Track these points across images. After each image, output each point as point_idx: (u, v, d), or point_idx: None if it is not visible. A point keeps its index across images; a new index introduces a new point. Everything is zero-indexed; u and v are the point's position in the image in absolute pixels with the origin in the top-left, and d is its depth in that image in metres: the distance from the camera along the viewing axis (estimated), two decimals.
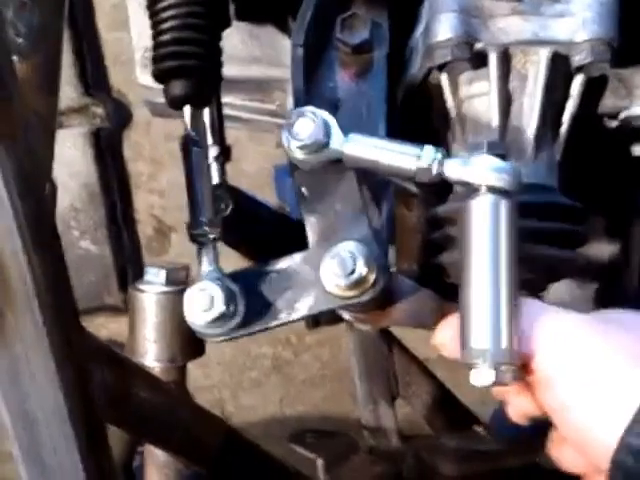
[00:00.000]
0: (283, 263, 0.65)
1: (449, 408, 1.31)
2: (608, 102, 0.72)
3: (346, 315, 0.76)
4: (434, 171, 0.61)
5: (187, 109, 0.71)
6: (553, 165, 0.70)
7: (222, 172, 0.76)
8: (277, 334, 2.34)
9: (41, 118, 0.58)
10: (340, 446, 1.35)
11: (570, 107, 0.71)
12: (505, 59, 0.69)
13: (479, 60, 0.69)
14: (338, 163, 0.65)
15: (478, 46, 0.67)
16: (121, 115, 2.20)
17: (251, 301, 0.64)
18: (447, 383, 1.33)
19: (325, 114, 0.64)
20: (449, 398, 1.33)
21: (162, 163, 2.21)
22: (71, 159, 2.19)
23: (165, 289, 0.79)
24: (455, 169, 0.60)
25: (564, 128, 0.71)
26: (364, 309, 0.72)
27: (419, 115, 0.76)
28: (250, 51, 0.89)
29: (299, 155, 0.64)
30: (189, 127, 0.70)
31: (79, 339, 0.59)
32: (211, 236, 0.66)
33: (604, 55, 0.66)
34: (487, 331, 0.58)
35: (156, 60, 0.71)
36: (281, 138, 0.64)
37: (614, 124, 0.73)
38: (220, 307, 0.62)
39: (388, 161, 0.63)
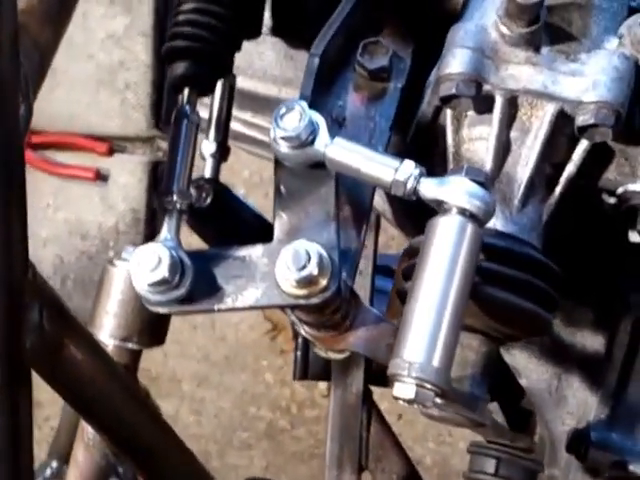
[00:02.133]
0: (242, 251, 0.65)
1: None
2: (610, 176, 0.71)
3: (303, 331, 0.75)
4: (409, 185, 0.61)
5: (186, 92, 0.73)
6: (538, 223, 0.69)
7: (216, 170, 0.77)
8: (278, 400, 2.31)
9: (39, 47, 0.60)
10: None
11: (569, 170, 0.70)
12: (511, 107, 0.69)
13: (484, 103, 0.69)
14: (321, 168, 0.66)
15: (486, 88, 0.68)
16: None
17: (200, 279, 0.64)
18: None
19: (315, 114, 0.65)
20: None
21: None
22: (126, 183, 2.26)
23: None
24: (430, 187, 0.60)
25: (558, 189, 0.70)
26: (320, 325, 0.71)
27: (425, 155, 0.77)
28: (283, 72, 0.91)
29: (283, 148, 0.64)
30: (186, 105, 0.71)
31: (21, 269, 0.59)
32: (178, 206, 0.66)
33: (608, 120, 0.65)
34: (422, 345, 0.57)
35: (167, 39, 0.74)
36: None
37: (612, 201, 0.72)
38: (164, 271, 0.61)
39: (367, 169, 0.63)
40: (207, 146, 0.82)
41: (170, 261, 0.62)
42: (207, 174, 0.77)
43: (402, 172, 0.61)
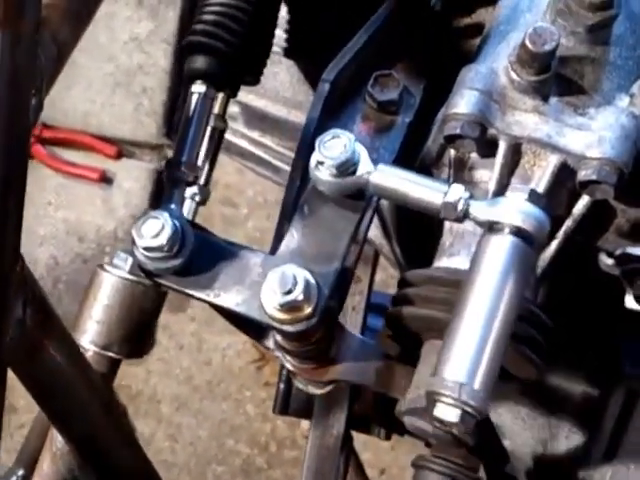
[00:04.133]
0: (244, 252, 0.68)
1: None
2: (609, 237, 0.74)
3: (287, 363, 0.77)
4: (459, 207, 0.64)
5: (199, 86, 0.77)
6: (532, 276, 0.72)
7: (194, 212, 0.80)
8: (258, 435, 2.32)
9: (57, 42, 0.63)
10: None
11: (567, 224, 0.72)
12: (515, 153, 0.71)
13: (488, 147, 0.72)
14: (354, 199, 0.69)
15: (491, 132, 0.70)
16: None
17: (194, 259, 0.67)
18: None
19: (358, 144, 0.68)
20: None
21: (211, 223, 2.29)
22: (130, 189, 2.30)
23: (126, 276, 0.82)
24: (481, 208, 0.63)
25: (555, 243, 0.72)
26: (302, 355, 0.73)
27: None
28: (295, 94, 0.95)
29: (322, 174, 0.67)
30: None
31: (11, 261, 0.62)
32: (186, 178, 0.70)
33: (610, 177, 0.67)
34: (466, 366, 0.58)
35: (189, 33, 0.78)
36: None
37: (609, 262, 0.74)
38: (165, 238, 0.65)
39: (415, 194, 0.66)
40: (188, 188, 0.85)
41: (172, 230, 0.65)
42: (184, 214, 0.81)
43: (452, 195, 0.64)
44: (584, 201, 0.72)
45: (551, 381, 0.86)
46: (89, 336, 0.82)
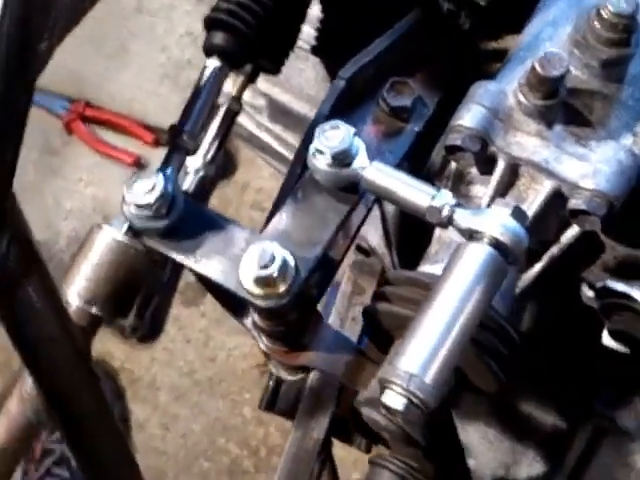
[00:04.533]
0: (231, 226, 0.71)
1: None
2: (595, 271, 0.74)
3: (262, 345, 0.78)
4: (444, 213, 0.65)
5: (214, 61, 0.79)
6: (509, 291, 0.73)
7: (197, 186, 0.82)
8: (250, 438, 2.32)
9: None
10: None
11: (553, 250, 0.73)
12: (512, 174, 0.73)
13: (487, 164, 0.73)
14: (347, 192, 0.71)
15: (491, 149, 0.72)
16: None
17: (181, 225, 0.70)
18: None
19: (358, 139, 0.70)
20: None
21: None
22: None
23: (119, 238, 0.84)
24: (465, 217, 0.64)
25: (538, 266, 0.73)
26: (276, 336, 0.75)
27: None
28: (318, 92, 0.97)
29: (319, 163, 0.70)
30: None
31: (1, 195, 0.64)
32: (186, 146, 0.72)
33: (599, 209, 0.68)
34: (422, 359, 0.59)
35: (212, 10, 0.81)
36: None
37: (590, 294, 0.75)
38: (154, 196, 0.68)
39: (404, 193, 0.67)
40: (193, 160, 0.88)
41: (163, 191, 0.68)
42: (184, 187, 0.82)
43: (439, 200, 0.66)
44: (573, 231, 0.73)
45: (522, 408, 0.86)
46: (75, 289, 0.84)
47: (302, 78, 0.97)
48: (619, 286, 0.72)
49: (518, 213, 0.64)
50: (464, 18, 0.86)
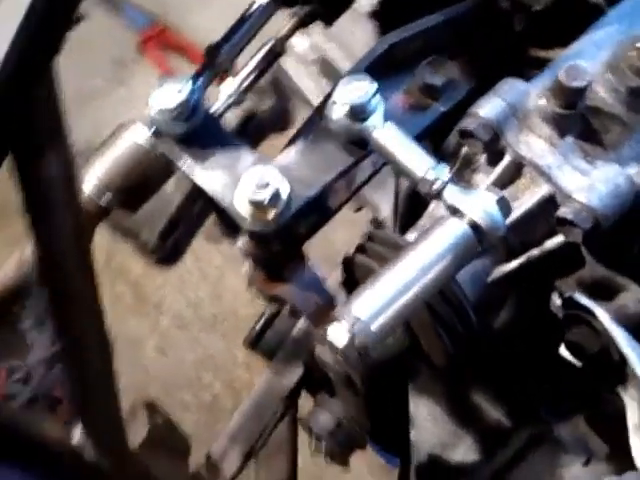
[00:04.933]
0: (242, 148, 0.75)
1: None
2: (569, 282, 0.77)
3: (245, 266, 0.83)
4: (435, 186, 0.68)
5: None
6: (479, 278, 0.76)
7: (224, 108, 0.85)
8: (236, 381, 2.38)
9: None
10: None
11: (533, 252, 0.76)
12: (515, 171, 0.76)
13: (495, 156, 0.76)
14: (355, 147, 0.74)
15: (501, 143, 0.75)
16: None
17: (196, 135, 0.74)
18: None
19: (379, 98, 0.72)
20: None
21: None
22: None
23: (143, 138, 0.87)
24: (454, 194, 0.68)
25: (514, 263, 0.77)
26: (259, 261, 0.79)
27: None
28: None
29: (335, 113, 0.72)
30: None
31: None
32: (218, 65, 0.76)
33: (584, 223, 0.71)
34: (373, 308, 0.63)
35: None
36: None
37: (557, 303, 0.77)
38: (177, 100, 0.72)
39: (404, 159, 0.70)
40: (228, 84, 0.91)
41: (187, 97, 0.72)
42: (214, 108, 0.86)
43: (434, 172, 0.69)
44: (558, 239, 0.75)
45: (473, 396, 0.89)
46: (91, 177, 0.89)
47: (351, 39, 1.00)
48: (584, 300, 0.75)
49: (503, 203, 0.67)
50: (518, 19, 0.88)
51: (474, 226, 0.66)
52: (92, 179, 0.91)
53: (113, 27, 2.57)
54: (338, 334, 0.62)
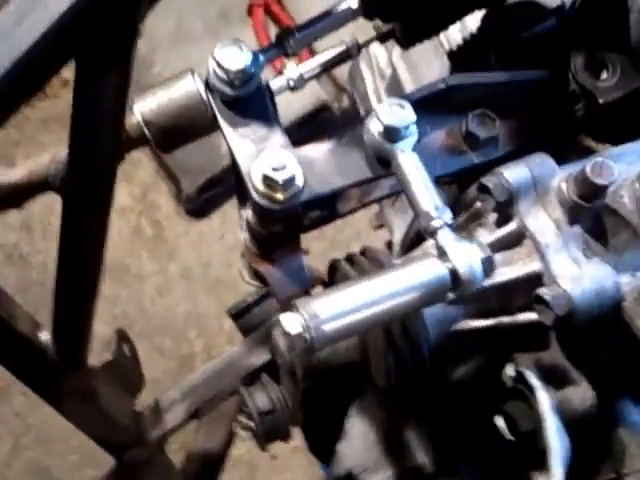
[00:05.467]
0: (278, 129, 0.78)
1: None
2: (527, 358, 0.80)
3: (242, 237, 0.87)
4: (433, 224, 0.71)
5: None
6: (445, 325, 0.79)
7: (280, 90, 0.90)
8: (215, 347, 2.43)
9: None
10: None
11: (504, 319, 0.79)
12: (516, 238, 0.78)
13: (503, 217, 0.79)
14: (378, 165, 0.77)
15: (513, 209, 0.77)
16: None
17: (243, 103, 0.78)
18: None
19: (415, 127, 0.76)
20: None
21: None
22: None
23: (198, 89, 0.91)
24: (446, 237, 0.71)
25: (483, 322, 0.79)
26: (255, 234, 0.83)
27: None
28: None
29: (373, 128, 0.76)
30: None
31: None
32: (287, 46, 0.80)
33: (559, 309, 0.73)
34: (332, 311, 0.66)
35: None
36: None
37: (509, 374, 0.80)
38: (235, 66, 0.77)
39: (416, 190, 0.74)
40: (291, 68, 0.93)
41: (245, 65, 0.77)
42: (272, 83, 0.89)
43: (438, 212, 0.72)
44: (531, 316, 0.78)
45: (407, 434, 0.92)
46: (142, 107, 0.93)
47: (427, 70, 1.04)
48: (533, 380, 0.77)
49: (487, 263, 0.70)
50: (581, 106, 0.91)
51: (453, 272, 0.69)
52: (142, 108, 0.96)
53: None
54: (292, 322, 0.66)
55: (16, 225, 2.49)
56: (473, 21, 0.96)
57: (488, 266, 0.70)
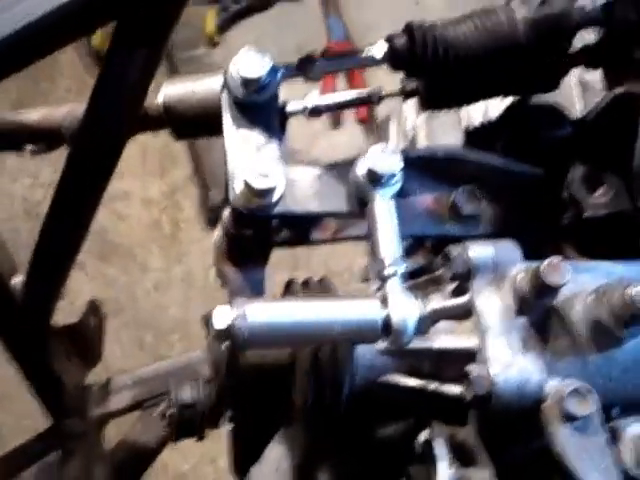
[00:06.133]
0: (279, 143, 0.83)
1: None
2: (442, 430, 0.81)
3: (215, 236, 0.90)
4: (386, 271, 0.75)
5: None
6: (375, 374, 0.81)
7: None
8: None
9: None
10: None
11: (430, 385, 0.81)
12: (465, 311, 0.80)
13: (458, 290, 0.82)
14: (356, 204, 0.81)
15: (469, 283, 0.80)
16: None
17: (252, 108, 0.83)
18: None
19: (400, 177, 0.80)
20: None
21: None
22: None
23: (218, 87, 0.95)
24: (394, 287, 0.74)
25: (411, 382, 0.81)
26: (228, 238, 0.87)
27: None
28: None
29: (360, 168, 0.80)
30: None
31: None
32: (307, 72, 0.85)
33: (479, 388, 0.74)
34: (262, 318, 0.69)
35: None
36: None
37: (422, 439, 0.82)
38: (254, 75, 0.82)
39: (379, 236, 0.77)
40: (313, 95, 0.96)
41: (261, 76, 0.81)
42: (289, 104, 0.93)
43: (394, 263, 0.76)
44: (455, 389, 0.79)
45: (318, 471, 0.93)
46: (168, 89, 0.99)
47: (443, 137, 1.07)
48: (439, 451, 0.79)
49: (423, 322, 0.72)
50: (569, 215, 0.94)
51: (386, 320, 0.71)
52: (168, 91, 1.01)
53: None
54: (222, 317, 0.69)
55: (44, 183, 2.57)
56: (495, 109, 1.00)
57: (422, 325, 0.72)
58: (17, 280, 1.20)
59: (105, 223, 2.54)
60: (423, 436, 0.82)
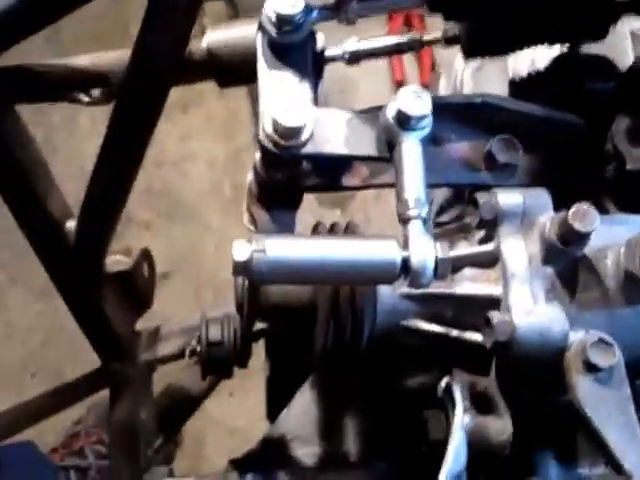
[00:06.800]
0: (311, 85, 0.81)
1: None
2: (464, 376, 0.81)
3: (247, 180, 0.91)
4: (408, 212, 0.73)
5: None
6: (397, 317, 0.81)
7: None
8: None
9: None
10: None
11: (451, 331, 0.81)
12: (490, 260, 0.80)
13: (485, 237, 0.81)
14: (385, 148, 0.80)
15: (495, 232, 0.80)
16: None
17: (286, 48, 0.82)
18: None
19: (430, 120, 0.77)
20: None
21: None
22: None
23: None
24: (415, 229, 0.72)
25: (432, 327, 0.82)
26: (260, 181, 0.87)
27: None
28: None
29: (390, 110, 0.78)
30: None
31: None
32: (343, 12, 0.84)
33: (500, 334, 0.74)
34: (281, 253, 0.70)
35: None
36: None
37: (443, 384, 0.82)
38: (289, 12, 0.80)
39: (405, 177, 0.75)
40: (351, 41, 0.96)
41: (294, 14, 0.80)
42: (328, 49, 0.90)
43: (416, 204, 0.74)
44: (477, 336, 0.79)
45: (343, 418, 0.95)
46: (210, 36, 1.01)
47: (488, 85, 1.05)
48: (457, 395, 0.78)
49: (443, 264, 0.72)
50: (611, 168, 0.91)
51: (405, 260, 0.71)
52: (212, 37, 1.03)
53: None
54: (242, 250, 0.70)
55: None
56: (543, 60, 0.98)
57: (442, 267, 0.71)
58: (71, 224, 1.24)
59: (169, 184, 2.59)
60: (444, 382, 0.82)
